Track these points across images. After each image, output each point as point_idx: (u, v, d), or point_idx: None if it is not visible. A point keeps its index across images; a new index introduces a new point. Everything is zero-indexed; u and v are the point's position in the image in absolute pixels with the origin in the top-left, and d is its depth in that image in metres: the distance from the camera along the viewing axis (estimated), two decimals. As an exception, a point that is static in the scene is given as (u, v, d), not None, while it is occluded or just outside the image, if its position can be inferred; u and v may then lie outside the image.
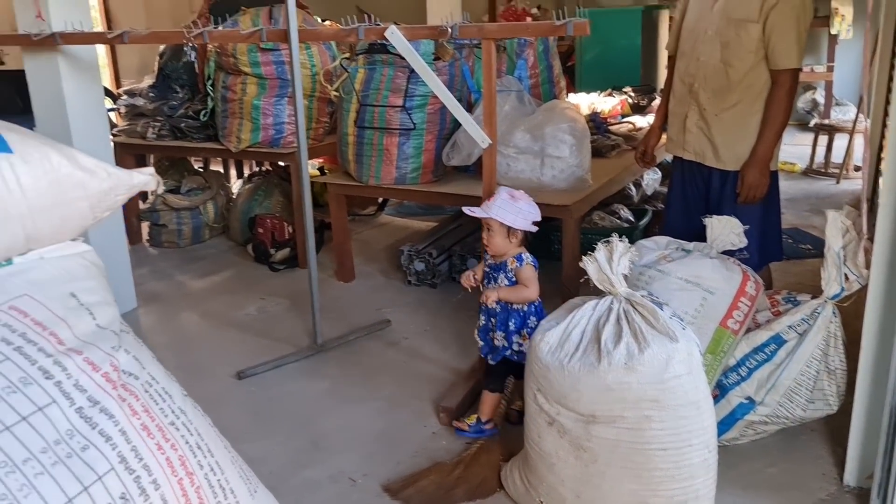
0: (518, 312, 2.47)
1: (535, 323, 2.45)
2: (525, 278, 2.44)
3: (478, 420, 2.53)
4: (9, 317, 0.88)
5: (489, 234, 2.44)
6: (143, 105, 4.68)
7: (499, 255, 2.47)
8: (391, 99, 3.51)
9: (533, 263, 2.46)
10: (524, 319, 2.48)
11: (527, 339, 2.46)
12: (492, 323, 2.53)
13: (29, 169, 0.97)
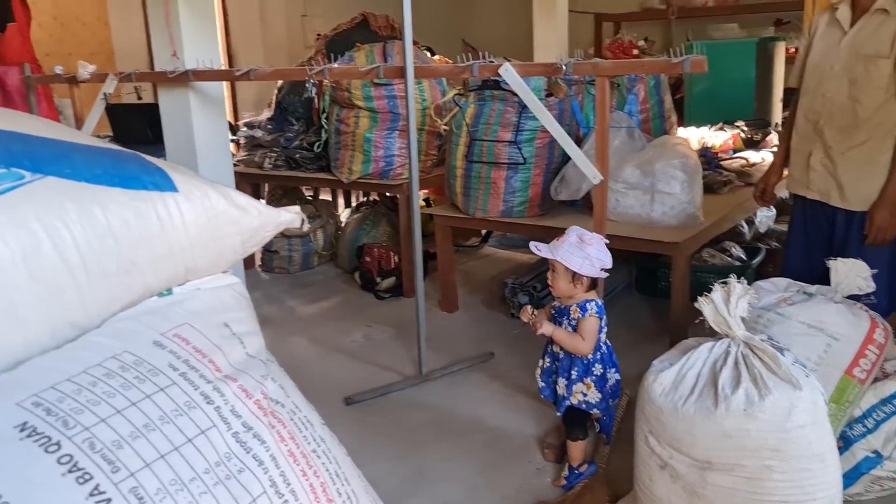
0: (581, 360, 2.39)
1: (600, 371, 2.37)
2: (583, 329, 2.33)
3: (570, 469, 2.48)
4: (174, 344, 0.95)
5: (554, 275, 2.36)
6: (261, 137, 4.92)
7: (563, 297, 2.40)
8: (500, 133, 3.55)
9: (598, 314, 2.34)
10: (588, 367, 2.38)
11: (592, 387, 2.38)
12: (555, 367, 2.47)
13: (191, 207, 1.06)
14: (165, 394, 0.88)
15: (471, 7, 9.43)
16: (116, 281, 0.99)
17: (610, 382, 2.42)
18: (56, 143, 1.02)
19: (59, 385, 0.84)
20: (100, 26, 6.50)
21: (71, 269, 0.94)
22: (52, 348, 0.95)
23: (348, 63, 4.14)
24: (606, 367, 2.41)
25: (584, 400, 2.41)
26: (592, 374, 2.39)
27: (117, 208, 0.99)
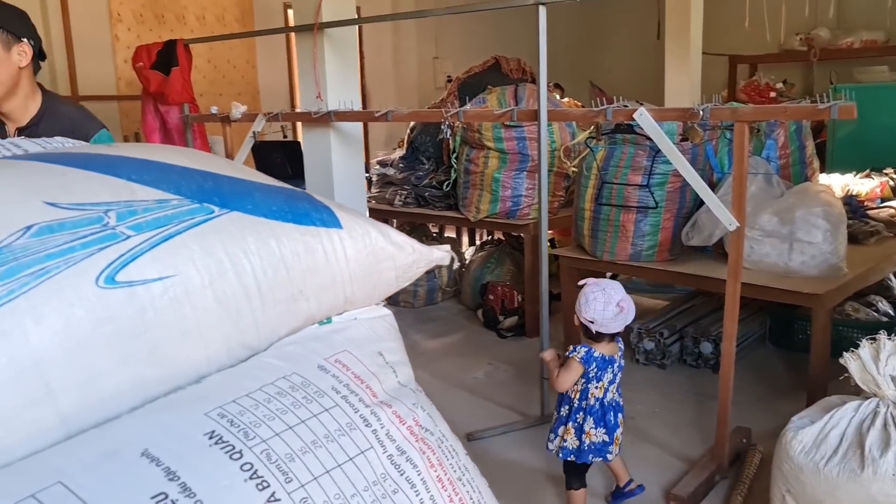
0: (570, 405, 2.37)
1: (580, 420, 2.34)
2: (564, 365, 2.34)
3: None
4: (335, 368, 1.03)
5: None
6: (392, 174, 5.12)
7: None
8: (630, 177, 3.54)
9: (581, 360, 2.30)
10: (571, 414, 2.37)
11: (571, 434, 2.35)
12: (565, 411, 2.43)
13: (353, 243, 1.14)
14: (329, 414, 0.95)
15: (599, 47, 9.45)
16: (285, 308, 1.08)
17: (592, 438, 2.34)
18: (239, 182, 1.14)
19: (240, 400, 0.93)
20: (248, 69, 6.98)
21: (249, 295, 1.04)
22: (228, 367, 1.04)
23: (480, 105, 4.26)
24: (588, 420, 2.34)
25: (563, 446, 2.37)
26: (574, 421, 2.36)
27: (290, 242, 1.08)
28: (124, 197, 1.01)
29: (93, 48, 5.74)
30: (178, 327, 0.97)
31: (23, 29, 2.11)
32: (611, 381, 2.35)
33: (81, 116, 2.26)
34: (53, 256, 0.90)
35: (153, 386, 0.96)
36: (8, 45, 2.06)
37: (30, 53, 2.13)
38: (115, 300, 0.92)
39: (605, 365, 2.33)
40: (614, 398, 2.38)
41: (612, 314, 2.29)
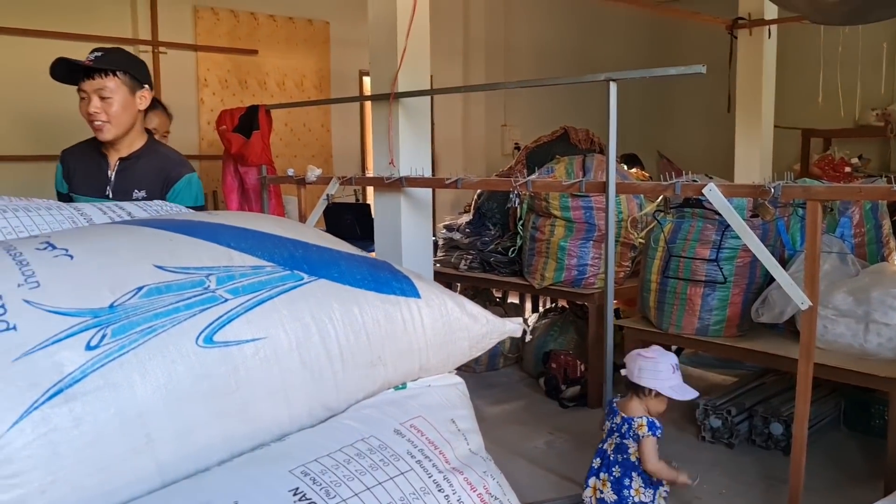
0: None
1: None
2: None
3: None
4: (410, 433, 1.07)
5: None
6: (459, 239, 5.20)
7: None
8: (698, 250, 3.53)
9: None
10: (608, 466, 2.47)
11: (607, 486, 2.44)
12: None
13: (430, 312, 1.20)
14: (405, 478, 1.00)
15: (667, 119, 9.49)
16: (364, 372, 1.14)
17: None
18: (326, 251, 1.21)
19: (321, 459, 0.98)
20: (322, 132, 7.26)
21: (332, 358, 1.10)
22: (308, 426, 1.10)
23: (548, 174, 4.33)
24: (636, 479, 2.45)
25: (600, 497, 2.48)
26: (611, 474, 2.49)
27: (371, 309, 1.15)
28: (223, 262, 1.09)
29: (180, 110, 6.07)
30: (267, 387, 1.04)
31: (145, 76, 2.45)
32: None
33: (177, 158, 2.57)
34: (160, 316, 0.98)
35: (241, 441, 1.03)
36: (133, 90, 2.38)
37: (148, 98, 2.45)
38: (211, 359, 0.99)
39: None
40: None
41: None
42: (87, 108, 2.32)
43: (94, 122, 2.34)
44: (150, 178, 2.46)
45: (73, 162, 2.52)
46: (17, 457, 0.85)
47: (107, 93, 2.31)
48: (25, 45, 5.11)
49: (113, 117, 2.33)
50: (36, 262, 1.02)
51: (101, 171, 2.44)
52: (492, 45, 8.07)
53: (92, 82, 2.29)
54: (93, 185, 2.42)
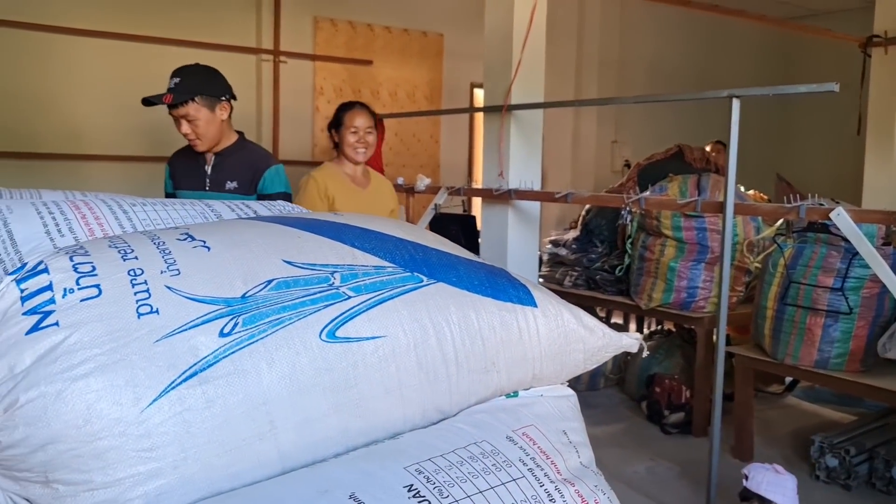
0: None
1: None
2: None
3: None
4: (523, 441, 1.07)
5: None
6: (565, 255, 5.14)
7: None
8: (821, 278, 3.35)
9: None
10: None
11: None
12: None
13: (546, 322, 1.19)
14: (517, 484, 0.99)
15: (789, 139, 9.08)
16: (477, 377, 1.14)
17: None
18: (445, 255, 1.23)
19: (435, 459, 0.99)
20: (431, 143, 7.36)
21: (447, 362, 1.11)
22: (420, 427, 1.11)
23: (661, 193, 4.22)
24: None
25: None
26: None
27: (488, 315, 1.15)
28: (348, 261, 1.12)
29: (296, 117, 6.32)
30: (383, 385, 1.05)
31: (221, 89, 2.69)
32: None
33: (264, 153, 2.93)
34: (288, 309, 1.02)
35: (356, 436, 1.05)
36: (213, 107, 2.64)
37: (228, 108, 2.71)
38: (333, 353, 1.02)
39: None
40: None
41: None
42: (180, 129, 2.65)
43: (190, 142, 2.68)
44: (242, 170, 2.74)
45: (177, 164, 2.85)
46: (154, 432, 0.90)
47: (191, 117, 2.61)
48: (157, 52, 5.44)
49: (201, 135, 2.64)
50: (177, 251, 1.08)
51: (200, 167, 2.75)
52: (605, 60, 7.97)
53: (176, 111, 2.60)
54: (193, 179, 2.73)
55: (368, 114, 3.34)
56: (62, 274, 1.01)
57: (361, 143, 3.27)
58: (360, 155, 3.29)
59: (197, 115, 2.60)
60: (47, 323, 0.94)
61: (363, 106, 3.38)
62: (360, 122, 3.27)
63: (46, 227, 1.31)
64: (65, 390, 0.89)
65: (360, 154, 3.29)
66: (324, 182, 3.26)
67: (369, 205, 3.29)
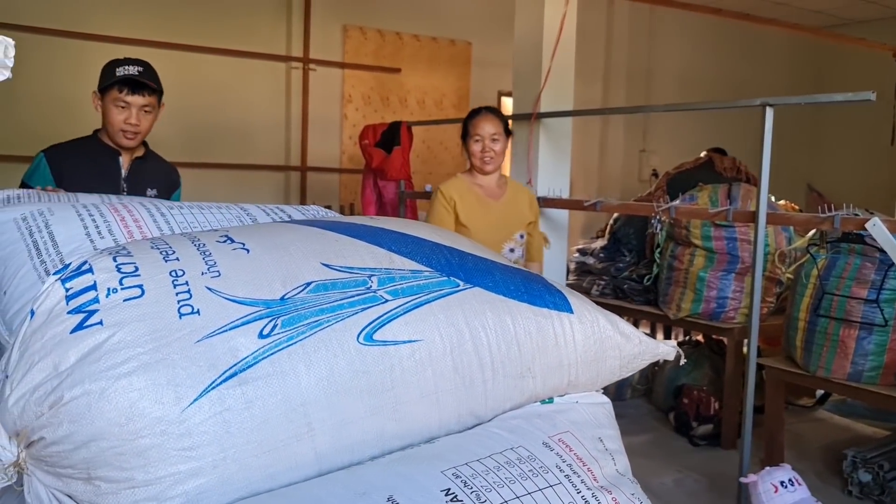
0: None
1: None
2: None
3: None
4: (559, 447, 1.06)
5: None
6: (592, 264, 5.12)
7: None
8: (854, 289, 3.29)
9: None
10: None
11: None
12: None
13: (582, 328, 1.19)
14: (554, 491, 0.98)
15: (819, 148, 8.95)
16: (513, 383, 1.14)
17: None
18: (481, 260, 1.23)
19: (472, 463, 0.99)
20: (458, 151, 7.36)
21: (482, 366, 1.11)
22: (455, 432, 1.11)
23: (691, 202, 4.19)
24: None
25: None
26: None
27: (524, 321, 1.15)
28: (385, 265, 1.13)
29: (324, 125, 6.36)
30: (419, 389, 1.06)
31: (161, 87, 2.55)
32: None
33: (172, 165, 2.79)
34: (326, 311, 1.03)
35: (391, 440, 1.05)
36: (158, 102, 2.52)
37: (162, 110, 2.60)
38: (370, 356, 1.02)
39: None
40: None
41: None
42: (126, 118, 2.45)
43: (126, 132, 2.46)
44: (160, 178, 2.66)
45: (67, 162, 2.52)
46: (195, 431, 0.91)
47: (149, 108, 2.47)
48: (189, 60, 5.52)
49: (144, 130, 2.50)
50: (217, 253, 1.09)
51: (111, 169, 2.53)
52: (634, 68, 7.94)
53: (139, 98, 2.44)
54: (104, 185, 2.43)
55: (496, 119, 3.11)
56: (106, 274, 1.02)
57: (487, 152, 3.07)
58: (488, 164, 3.08)
59: (153, 108, 2.48)
60: (91, 322, 0.96)
61: (490, 110, 3.17)
62: (484, 130, 3.06)
63: (87, 229, 1.33)
64: (108, 388, 0.90)
65: (488, 164, 3.08)
66: (450, 195, 3.09)
67: (499, 218, 3.14)
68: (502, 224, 3.16)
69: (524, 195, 3.32)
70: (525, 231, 3.24)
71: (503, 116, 3.18)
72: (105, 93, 2.47)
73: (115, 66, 2.46)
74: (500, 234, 3.14)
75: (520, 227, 3.22)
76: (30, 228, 1.33)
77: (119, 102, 2.44)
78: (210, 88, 5.69)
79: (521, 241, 3.22)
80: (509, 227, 3.17)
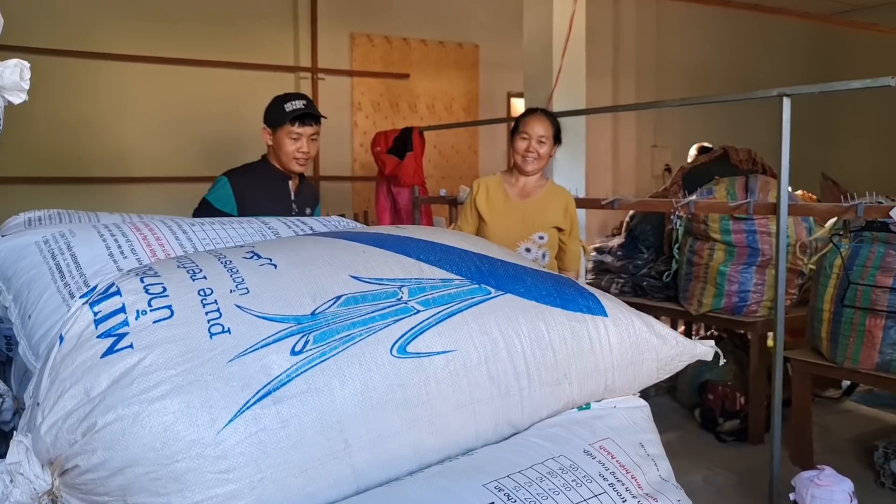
0: None
1: None
2: None
3: None
4: (601, 455, 1.04)
5: None
6: (610, 262, 5.08)
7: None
8: (879, 278, 3.24)
9: None
10: None
11: None
12: None
13: (617, 331, 1.16)
14: (598, 501, 0.96)
15: (834, 138, 8.86)
16: (549, 390, 1.11)
17: None
18: (511, 266, 1.21)
19: (514, 475, 0.97)
20: (469, 154, 7.35)
21: (518, 374, 1.08)
22: (492, 442, 1.09)
23: (707, 196, 4.15)
24: None
25: None
26: None
27: (557, 326, 1.13)
28: (414, 275, 1.11)
29: (334, 134, 6.35)
30: (455, 400, 1.03)
31: None
32: None
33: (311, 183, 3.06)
34: (357, 325, 1.01)
35: (429, 453, 1.03)
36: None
37: None
38: (404, 369, 1.00)
39: None
40: None
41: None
42: (299, 147, 2.69)
43: (298, 159, 2.71)
44: (312, 195, 2.93)
45: (249, 186, 2.74)
46: (231, 453, 0.89)
47: (316, 136, 2.72)
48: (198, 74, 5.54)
49: (312, 156, 2.76)
50: (244, 269, 1.07)
51: (283, 193, 2.79)
52: (642, 64, 7.89)
53: (308, 128, 2.68)
54: (276, 205, 2.69)
55: (548, 122, 3.10)
56: (134, 296, 1.01)
57: (531, 151, 3.06)
58: (529, 164, 3.07)
59: (317, 135, 2.72)
60: (122, 345, 0.94)
61: (544, 113, 3.19)
62: (534, 130, 3.06)
63: (109, 249, 1.32)
64: (142, 413, 0.89)
65: (529, 163, 3.07)
66: (477, 191, 3.17)
67: (522, 218, 3.14)
68: (523, 223, 3.14)
69: (561, 200, 3.26)
70: (546, 233, 3.20)
71: (557, 123, 3.17)
72: (277, 127, 2.69)
73: (283, 103, 2.69)
74: (519, 232, 3.12)
75: (542, 228, 3.18)
76: (52, 251, 1.32)
77: (292, 135, 2.67)
78: (219, 102, 5.70)
79: (540, 241, 3.19)
80: (529, 227, 3.15)
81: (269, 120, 2.73)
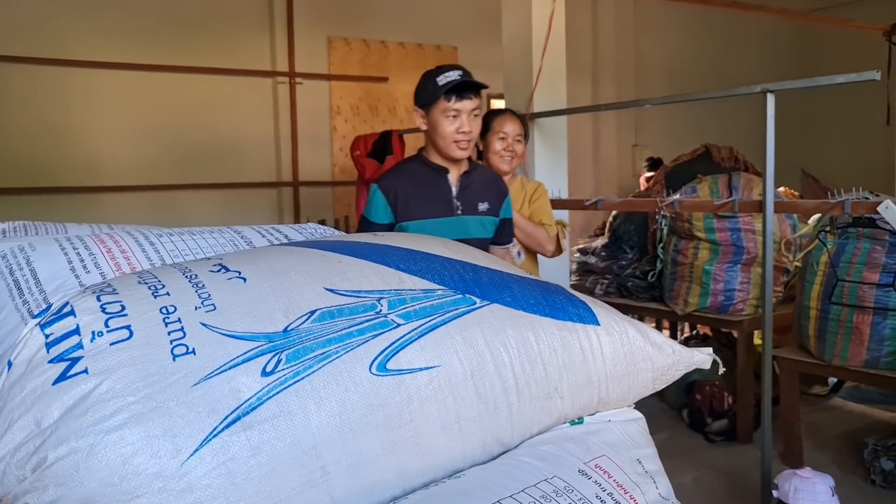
0: None
1: None
2: None
3: None
4: (597, 474, 0.98)
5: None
6: (594, 263, 5.03)
7: None
8: (866, 274, 3.22)
9: None
10: None
11: None
12: None
13: (611, 340, 1.10)
14: (597, 526, 0.90)
15: (813, 133, 8.88)
16: (539, 405, 1.05)
17: None
18: (497, 273, 1.14)
19: (504, 500, 0.90)
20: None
21: (506, 389, 1.02)
22: (481, 462, 1.02)
23: (691, 195, 4.11)
24: None
25: None
26: None
27: (547, 337, 1.06)
28: (394, 286, 1.04)
29: (314, 138, 6.27)
30: (440, 419, 0.97)
31: None
32: None
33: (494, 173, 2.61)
34: (334, 341, 0.94)
35: (413, 477, 0.96)
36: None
37: None
38: (385, 388, 0.94)
39: None
40: None
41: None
42: (459, 126, 2.19)
43: (459, 142, 2.22)
44: (489, 189, 2.40)
45: (402, 189, 2.29)
46: (197, 486, 0.82)
47: (478, 112, 2.24)
48: (173, 80, 5.43)
49: (475, 137, 2.27)
50: (211, 284, 1.00)
51: (443, 191, 2.30)
52: (622, 63, 7.88)
53: (468, 102, 2.19)
54: (438, 206, 2.29)
55: (518, 122, 3.10)
56: (90, 316, 0.93)
57: (509, 150, 3.04)
58: (507, 163, 3.05)
59: (480, 111, 2.24)
60: (76, 370, 0.87)
61: (514, 113, 3.18)
62: (510, 129, 3.05)
63: (71, 263, 1.24)
64: (97, 444, 0.81)
65: (507, 162, 3.05)
66: None
67: None
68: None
69: (527, 192, 3.21)
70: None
71: (525, 121, 3.20)
72: (430, 107, 2.21)
73: (436, 76, 2.20)
74: None
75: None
76: (10, 266, 1.24)
77: (449, 112, 2.18)
78: (197, 108, 5.60)
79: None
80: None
81: (419, 98, 2.25)
